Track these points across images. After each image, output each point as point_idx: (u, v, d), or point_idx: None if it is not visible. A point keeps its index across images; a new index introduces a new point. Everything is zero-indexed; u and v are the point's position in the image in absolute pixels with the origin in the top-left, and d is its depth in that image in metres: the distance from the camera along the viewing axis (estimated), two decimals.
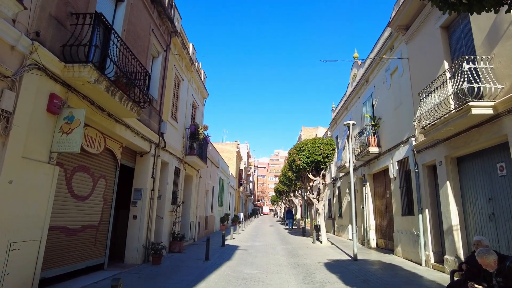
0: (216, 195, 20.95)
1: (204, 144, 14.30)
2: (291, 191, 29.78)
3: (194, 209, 14.58)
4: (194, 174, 14.53)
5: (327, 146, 14.36)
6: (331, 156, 14.55)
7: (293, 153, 15.29)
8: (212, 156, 19.02)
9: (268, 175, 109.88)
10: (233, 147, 35.48)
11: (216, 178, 20.85)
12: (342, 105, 19.66)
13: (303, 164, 14.60)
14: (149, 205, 9.16)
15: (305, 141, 14.88)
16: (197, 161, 12.91)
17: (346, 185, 18.40)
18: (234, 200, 32.56)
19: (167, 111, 10.68)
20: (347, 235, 18.07)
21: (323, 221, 15.56)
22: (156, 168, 9.68)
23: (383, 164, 12.82)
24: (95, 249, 7.22)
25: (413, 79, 10.32)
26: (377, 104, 13.71)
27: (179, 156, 11.95)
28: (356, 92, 16.59)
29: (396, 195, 11.54)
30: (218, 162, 21.42)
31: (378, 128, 13.34)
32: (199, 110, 15.38)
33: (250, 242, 15.33)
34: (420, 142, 9.48)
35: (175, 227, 11.39)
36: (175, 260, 9.53)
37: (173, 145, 11.24)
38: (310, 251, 12.58)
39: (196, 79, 14.20)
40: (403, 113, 11.07)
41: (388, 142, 12.36)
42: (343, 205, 19.21)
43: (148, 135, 9.03)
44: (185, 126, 12.92)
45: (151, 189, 9.33)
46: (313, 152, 14.40)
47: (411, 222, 10.22)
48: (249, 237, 18.11)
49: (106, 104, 6.46)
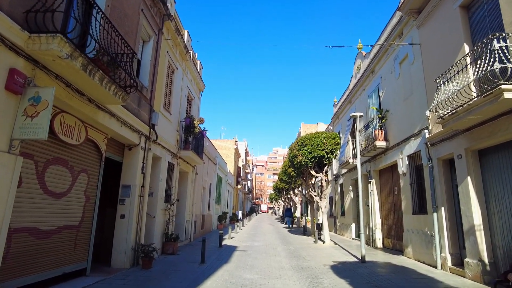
0: (213, 192, 20.14)
1: (200, 139, 13.46)
2: (291, 189, 29.06)
3: (190, 208, 13.76)
4: (190, 171, 13.70)
5: (330, 141, 13.55)
6: (335, 151, 13.76)
7: (294, 149, 14.47)
8: (209, 152, 18.19)
9: (266, 173, 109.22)
10: (231, 144, 34.61)
11: (213, 175, 20.02)
12: (345, 98, 18.86)
13: (305, 160, 13.79)
14: (138, 203, 8.33)
15: (307, 136, 14.07)
16: (193, 156, 12.07)
17: (349, 182, 17.64)
18: (232, 198, 31.75)
19: (159, 101, 9.83)
20: (350, 234, 17.32)
21: (325, 220, 14.78)
22: (147, 162, 8.85)
23: (391, 159, 12.04)
24: (75, 252, 6.38)
25: (426, 66, 9.52)
26: (384, 96, 12.91)
27: (172, 151, 11.10)
28: (361, 84, 15.79)
29: (406, 192, 10.77)
30: (216, 158, 20.59)
31: (386, 121, 12.54)
32: (195, 102, 14.53)
33: (249, 242, 14.54)
34: (435, 134, 8.69)
35: (169, 227, 10.57)
36: (168, 264, 8.72)
37: (166, 139, 10.40)
38: (313, 251, 11.80)
39: (191, 69, 13.34)
40: (414, 104, 10.28)
41: (396, 135, 11.57)
42: (345, 203, 18.45)
43: (137, 126, 8.19)
44: (180, 119, 12.07)
45: (141, 186, 8.49)
46: (315, 147, 13.59)
47: (424, 221, 9.45)
48: (248, 237, 17.32)
49: (85, 87, 5.62)
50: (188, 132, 11.80)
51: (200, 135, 13.02)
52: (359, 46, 17.09)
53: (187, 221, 13.24)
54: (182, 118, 12.12)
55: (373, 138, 12.74)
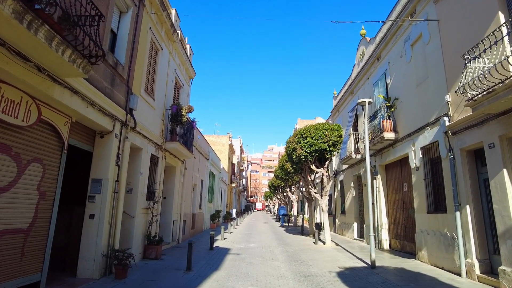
0: (205, 190, 18.85)
1: (189, 130, 12.17)
2: (287, 186, 27.88)
3: (178, 206, 12.47)
4: (178, 165, 12.40)
5: (333, 133, 12.35)
6: (338, 144, 12.56)
7: (293, 141, 13.25)
8: (201, 146, 16.89)
9: (261, 170, 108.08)
10: (225, 139, 33.29)
11: (205, 171, 18.73)
12: (346, 89, 17.67)
13: (305, 153, 12.58)
14: (112, 201, 7.03)
15: (307, 127, 12.86)
16: (180, 148, 10.77)
17: (350, 178, 16.48)
18: (226, 195, 30.49)
19: (139, 83, 8.51)
20: (351, 234, 16.18)
21: (327, 219, 13.60)
22: (123, 153, 7.54)
23: (400, 153, 10.88)
24: (23, 263, 5.07)
25: (446, 44, 8.33)
26: (393, 83, 11.73)
27: (156, 142, 9.80)
28: (365, 72, 14.60)
29: (419, 188, 9.61)
30: (208, 153, 19.29)
31: (394, 111, 11.37)
32: (184, 90, 13.21)
33: (243, 244, 13.30)
34: (458, 121, 7.51)
35: (151, 228, 9.27)
36: (148, 271, 7.44)
37: (148, 127, 9.09)
38: (314, 254, 10.61)
39: (179, 52, 12.01)
40: (429, 89, 9.11)
41: (408, 125, 10.40)
42: (346, 200, 17.30)
43: (110, 109, 6.87)
44: (166, 107, 10.76)
45: (115, 180, 7.19)
46: (316, 140, 12.38)
47: (442, 220, 8.29)
48: (242, 237, 16.08)
49: (29, 49, 4.31)
50: (175, 121, 10.50)
51: (188, 125, 11.72)
52: (362, 32, 15.94)
53: (174, 220, 11.95)
54: (168, 105, 10.80)
55: (380, 129, 11.57)
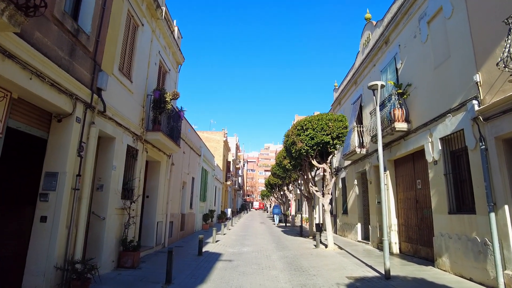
0: (197, 188, 17.51)
1: (175, 120, 10.83)
2: (285, 184, 26.63)
3: (163, 206, 11.13)
4: (163, 160, 11.05)
5: (337, 124, 11.07)
6: (342, 136, 11.29)
7: (292, 134, 11.95)
8: (191, 141, 15.54)
9: (258, 169, 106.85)
10: (220, 136, 31.90)
11: (197, 168, 17.38)
12: (349, 80, 16.40)
13: (305, 147, 11.28)
14: (71, 199, 5.69)
15: (308, 118, 11.56)
16: (164, 140, 9.43)
17: (353, 175, 15.22)
18: (220, 194, 29.15)
19: (111, 60, 7.16)
20: (354, 235, 14.94)
21: (329, 220, 12.33)
22: (89, 142, 6.19)
23: (413, 145, 9.63)
24: None
25: (475, 14, 7.06)
26: (404, 68, 10.47)
27: (135, 131, 8.45)
28: (371, 59, 13.34)
29: (438, 185, 8.36)
30: (200, 149, 17.94)
31: (407, 98, 10.11)
32: (170, 77, 11.85)
33: (237, 247, 11.99)
34: (492, 104, 6.25)
35: (128, 231, 7.92)
36: (117, 286, 6.10)
37: (123, 114, 7.75)
38: (317, 260, 9.34)
39: (165, 32, 10.65)
40: (451, 70, 7.85)
41: (423, 114, 9.15)
42: (349, 199, 16.05)
43: (69, 85, 5.53)
44: (147, 92, 9.41)
45: (76, 174, 5.84)
46: (319, 132, 11.10)
47: (469, 223, 7.04)
48: (237, 239, 14.78)
49: None
50: (158, 108, 9.15)
51: (174, 114, 10.38)
52: (367, 16, 14.68)
53: (159, 222, 10.60)
54: (150, 91, 9.45)
55: (390, 120, 10.30)
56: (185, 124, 14.17)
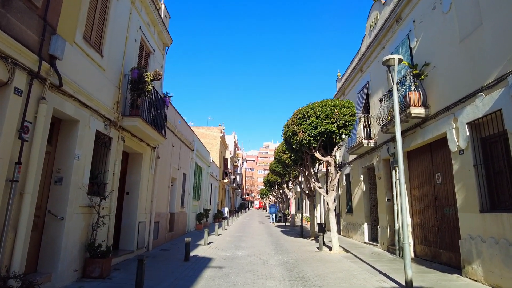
0: (189, 185, 16.20)
1: (160, 106, 9.54)
2: (284, 182, 25.35)
3: (147, 204, 9.84)
4: (147, 152, 9.76)
5: (344, 111, 9.78)
6: (350, 125, 10.00)
7: (293, 124, 10.65)
8: (182, 133, 14.23)
9: (257, 168, 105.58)
10: (217, 131, 30.55)
11: (189, 164, 16.07)
12: (353, 67, 15.11)
13: (307, 137, 9.99)
14: (7, 194, 4.39)
15: (311, 105, 10.26)
16: (144, 128, 8.12)
17: (359, 171, 13.94)
18: (217, 193, 27.85)
19: (72, 24, 5.85)
20: (360, 236, 13.67)
21: (334, 220, 11.05)
22: (37, 121, 4.90)
23: (432, 133, 8.36)
24: None
25: None
26: (420, 46, 9.18)
27: (107, 115, 7.14)
28: (379, 41, 12.04)
29: (465, 178, 7.07)
30: (193, 143, 16.63)
31: (424, 79, 8.83)
32: (155, 58, 10.53)
33: (230, 251, 10.70)
34: None
35: (96, 234, 6.62)
36: None
37: (91, 93, 6.44)
38: (321, 267, 8.05)
39: (148, 7, 9.34)
40: (484, 39, 6.56)
41: (445, 96, 7.87)
42: (354, 197, 14.77)
43: (0, 44, 4.21)
44: (124, 72, 8.10)
45: (15, 162, 4.54)
46: (323, 120, 9.80)
47: (510, 224, 5.76)
48: (232, 241, 13.49)
49: None
50: (136, 90, 7.84)
51: (159, 100, 9.07)
52: None
53: (141, 222, 9.30)
54: (128, 70, 8.14)
55: (404, 105, 9.02)
56: (174, 114, 12.87)
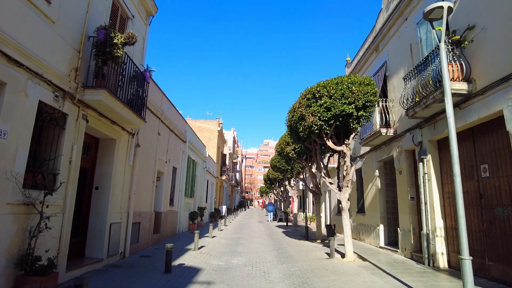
0: (181, 181, 14.46)
1: (139, 83, 7.79)
2: (286, 179, 23.60)
3: (123, 201, 8.09)
4: (122, 138, 8.01)
5: (364, 89, 8.03)
6: (370, 106, 8.25)
7: (300, 107, 8.87)
8: (171, 121, 12.47)
9: (257, 166, 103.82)
10: (214, 125, 28.73)
11: (180, 157, 14.32)
12: (367, 47, 13.31)
13: (318, 122, 8.22)
14: None
15: (323, 83, 8.48)
16: (113, 104, 6.36)
17: (374, 165, 12.20)
18: (214, 190, 26.09)
19: None
20: (375, 239, 11.94)
21: (347, 221, 9.30)
22: None
23: (479, 113, 6.61)
24: None
25: None
26: (461, 6, 7.40)
27: (57, 83, 5.39)
28: (400, 12, 10.26)
29: None
30: (185, 133, 14.86)
31: (467, 47, 7.05)
32: (135, 26, 8.72)
33: (225, 258, 8.97)
34: None
35: (36, 242, 4.86)
36: None
37: (29, 48, 4.71)
38: (338, 282, 6.31)
39: None
40: None
41: (501, 65, 6.10)
42: (367, 195, 13.03)
43: None
44: (87, 33, 6.32)
45: None
46: (338, 100, 8.02)
47: None
48: (227, 244, 11.76)
49: None
50: (102, 54, 6.07)
51: (136, 73, 7.30)
52: None
53: (114, 224, 7.56)
54: (92, 32, 6.36)
55: (439, 80, 7.25)
56: (160, 97, 11.10)
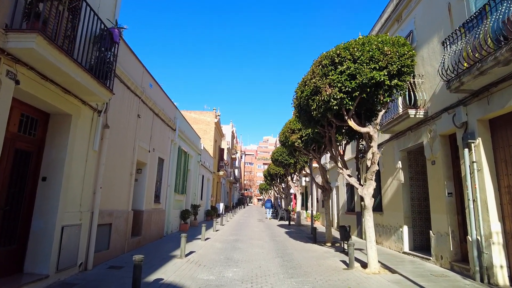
0: (169, 174, 12.57)
1: (105, 42, 5.91)
2: (288, 174, 21.74)
3: (84, 197, 6.22)
4: (83, 115, 6.13)
5: (399, 50, 6.12)
6: (408, 71, 6.34)
7: (315, 76, 6.94)
8: (156, 104, 10.56)
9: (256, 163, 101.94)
10: (211, 116, 26.77)
11: (169, 147, 12.42)
12: (386, 19, 11.36)
13: (339, 94, 6.32)
14: None
15: (345, 45, 6.53)
16: (53, 56, 4.46)
17: (395, 155, 10.35)
18: (210, 186, 24.21)
19: None
20: (396, 243, 10.12)
21: (371, 223, 7.43)
22: None
23: None
24: None
25: None
26: None
27: None
28: None
29: None
30: (175, 120, 12.95)
31: None
32: None
33: (217, 269, 7.11)
34: None
35: None
36: None
37: None
38: None
39: None
40: None
41: None
42: (385, 191, 11.20)
43: None
44: None
45: None
46: (364, 64, 6.12)
47: None
48: (222, 249, 9.91)
49: None
50: None
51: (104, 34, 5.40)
52: None
53: (68, 227, 5.68)
54: None
55: (501, 35, 5.38)
56: (141, 72, 9.19)
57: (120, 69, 7.65)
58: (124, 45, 8.04)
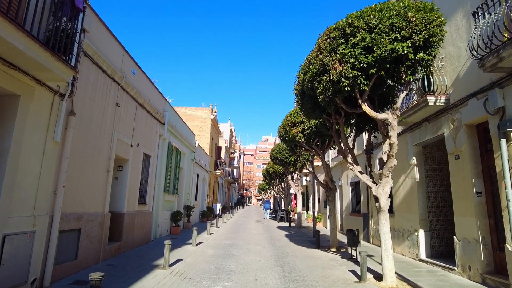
0: (157, 173, 11.40)
1: (64, 9, 4.75)
2: (288, 173, 20.59)
3: (40, 198, 5.08)
4: (35, 96, 5.01)
5: (426, 16, 4.96)
6: (437, 41, 5.18)
7: (321, 52, 5.79)
8: (140, 92, 9.39)
9: (255, 162, 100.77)
10: (207, 113, 25.57)
11: (156, 142, 11.25)
12: None
13: (351, 72, 5.16)
14: None
15: (357, 13, 5.38)
16: None
17: (408, 150, 9.22)
18: (206, 186, 23.04)
19: None
20: (410, 249, 9.00)
21: (388, 228, 6.30)
22: None
23: None
24: None
25: None
26: None
27: None
28: None
29: None
30: (163, 112, 11.78)
31: None
32: None
33: (205, 282, 5.97)
34: None
35: None
36: None
37: None
38: None
39: None
40: None
41: None
42: (397, 190, 10.06)
43: None
44: None
45: None
46: (382, 34, 4.97)
47: None
48: (213, 257, 8.75)
49: None
50: None
51: None
52: None
53: (11, 236, 4.53)
54: None
55: None
56: (121, 55, 8.03)
57: (92, 48, 6.51)
58: (99, 21, 6.90)
